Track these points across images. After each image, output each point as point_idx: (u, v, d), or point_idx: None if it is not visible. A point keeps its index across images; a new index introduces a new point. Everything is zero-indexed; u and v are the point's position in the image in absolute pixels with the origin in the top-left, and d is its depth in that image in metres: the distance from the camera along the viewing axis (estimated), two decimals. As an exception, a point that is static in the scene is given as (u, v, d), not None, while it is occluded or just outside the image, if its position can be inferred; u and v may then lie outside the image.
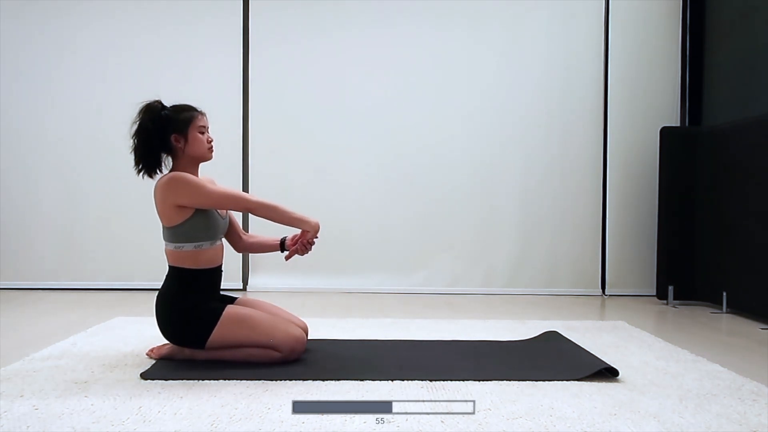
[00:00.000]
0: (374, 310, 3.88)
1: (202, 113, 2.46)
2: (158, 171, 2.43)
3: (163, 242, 2.42)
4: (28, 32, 4.55)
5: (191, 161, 2.44)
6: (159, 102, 2.43)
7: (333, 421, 1.80)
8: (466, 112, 4.67)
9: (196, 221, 2.36)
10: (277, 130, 4.64)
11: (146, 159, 2.39)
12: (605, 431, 1.76)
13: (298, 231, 2.49)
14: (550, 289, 4.66)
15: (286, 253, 2.53)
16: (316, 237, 2.47)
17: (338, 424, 1.77)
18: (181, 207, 2.34)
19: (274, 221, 2.43)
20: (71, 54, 4.57)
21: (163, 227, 2.40)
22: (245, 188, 4.60)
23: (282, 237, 2.61)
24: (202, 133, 2.43)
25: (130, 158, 2.41)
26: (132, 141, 2.39)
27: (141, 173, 2.42)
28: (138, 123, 2.38)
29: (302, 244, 2.47)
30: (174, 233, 2.37)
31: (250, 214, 4.44)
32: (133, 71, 4.54)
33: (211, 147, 2.47)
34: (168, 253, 2.41)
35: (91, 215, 4.57)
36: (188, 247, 2.37)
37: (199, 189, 2.34)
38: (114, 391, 2.06)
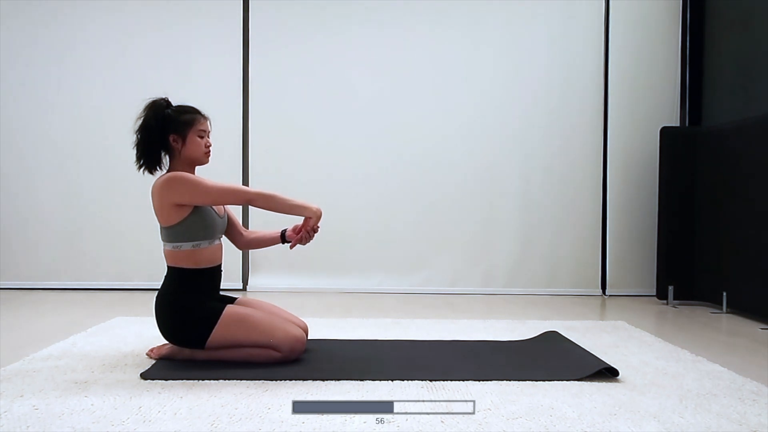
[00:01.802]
0: (374, 310, 3.88)
1: (204, 117, 2.46)
2: (159, 168, 2.44)
3: (161, 243, 2.42)
4: (27, 32, 4.54)
5: (187, 163, 2.44)
6: (165, 100, 2.44)
7: (333, 421, 1.80)
8: (466, 111, 4.67)
9: (194, 220, 2.36)
10: (277, 130, 4.64)
11: (147, 155, 2.40)
12: (605, 431, 1.76)
13: (299, 221, 2.49)
14: (550, 289, 4.66)
15: (289, 243, 2.53)
16: (318, 225, 2.46)
17: (338, 424, 1.77)
18: (179, 206, 2.34)
19: (275, 211, 2.43)
20: (71, 54, 4.57)
21: (161, 227, 2.40)
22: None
23: (282, 229, 2.61)
24: (201, 137, 2.43)
25: (130, 158, 2.42)
26: (135, 136, 2.40)
27: (142, 169, 2.43)
28: (142, 119, 2.39)
29: (305, 231, 2.45)
30: (172, 233, 2.37)
31: (249, 211, 4.51)
32: (133, 71, 4.55)
33: (209, 152, 2.47)
34: (166, 254, 2.41)
35: (91, 215, 4.57)
36: (186, 246, 2.37)
37: (198, 186, 2.34)
38: (114, 391, 2.06)
